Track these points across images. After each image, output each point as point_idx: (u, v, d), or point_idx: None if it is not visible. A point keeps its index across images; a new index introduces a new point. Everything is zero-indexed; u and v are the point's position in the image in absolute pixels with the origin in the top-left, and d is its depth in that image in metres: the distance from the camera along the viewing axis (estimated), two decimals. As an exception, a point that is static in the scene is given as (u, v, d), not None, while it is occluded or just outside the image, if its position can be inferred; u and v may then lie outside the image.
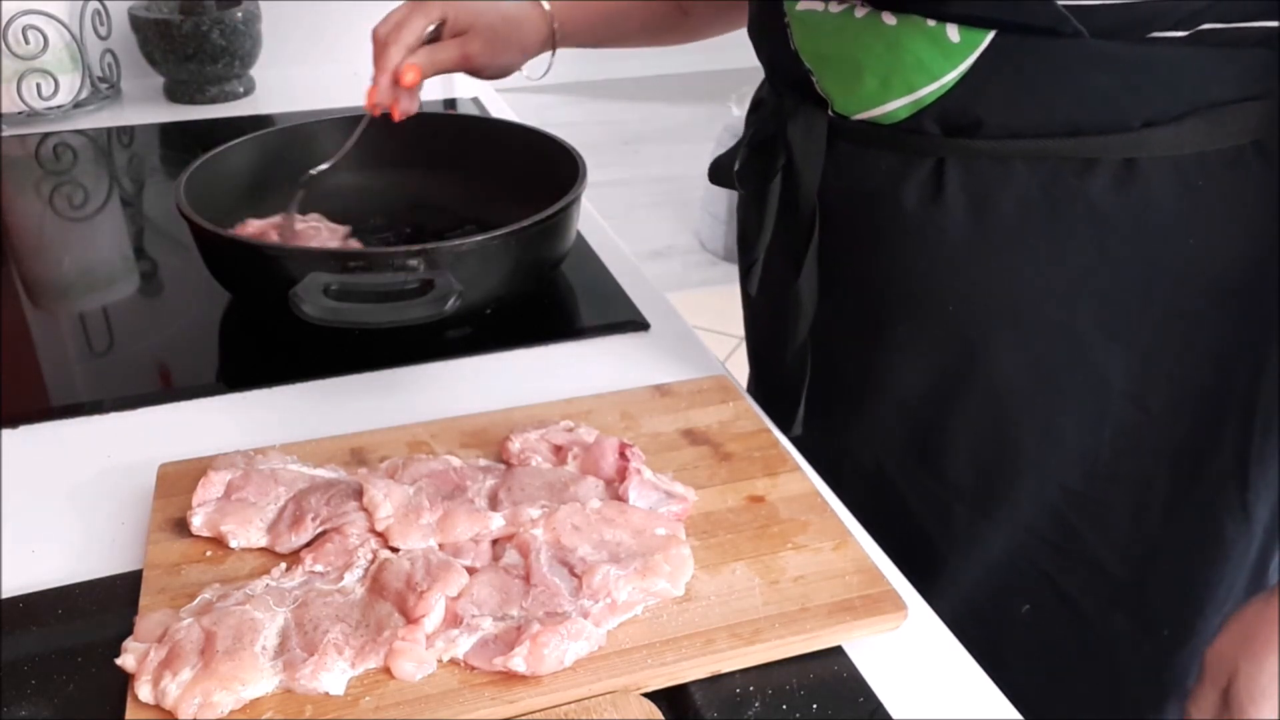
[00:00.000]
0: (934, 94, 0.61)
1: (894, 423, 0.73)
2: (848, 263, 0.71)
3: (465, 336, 0.79)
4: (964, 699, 0.51)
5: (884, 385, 0.72)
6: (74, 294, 0.90)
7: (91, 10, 1.28)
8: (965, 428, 0.70)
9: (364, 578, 0.53)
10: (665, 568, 0.53)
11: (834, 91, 0.67)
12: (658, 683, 0.49)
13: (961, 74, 0.60)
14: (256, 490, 0.58)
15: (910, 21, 0.60)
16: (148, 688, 0.46)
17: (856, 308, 0.72)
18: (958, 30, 0.59)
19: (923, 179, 0.64)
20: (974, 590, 0.74)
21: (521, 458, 0.62)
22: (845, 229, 0.69)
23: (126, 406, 0.71)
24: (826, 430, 0.77)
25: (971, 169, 0.63)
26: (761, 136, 0.75)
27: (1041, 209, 0.62)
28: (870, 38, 0.62)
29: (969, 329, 0.67)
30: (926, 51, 0.60)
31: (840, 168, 0.68)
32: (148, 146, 1.23)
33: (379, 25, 0.81)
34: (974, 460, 0.71)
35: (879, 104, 0.64)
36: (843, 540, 0.57)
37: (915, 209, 0.65)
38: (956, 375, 0.68)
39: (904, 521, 0.74)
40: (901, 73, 0.62)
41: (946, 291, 0.66)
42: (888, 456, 0.74)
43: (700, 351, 0.79)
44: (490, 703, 0.47)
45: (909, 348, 0.70)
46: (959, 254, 0.65)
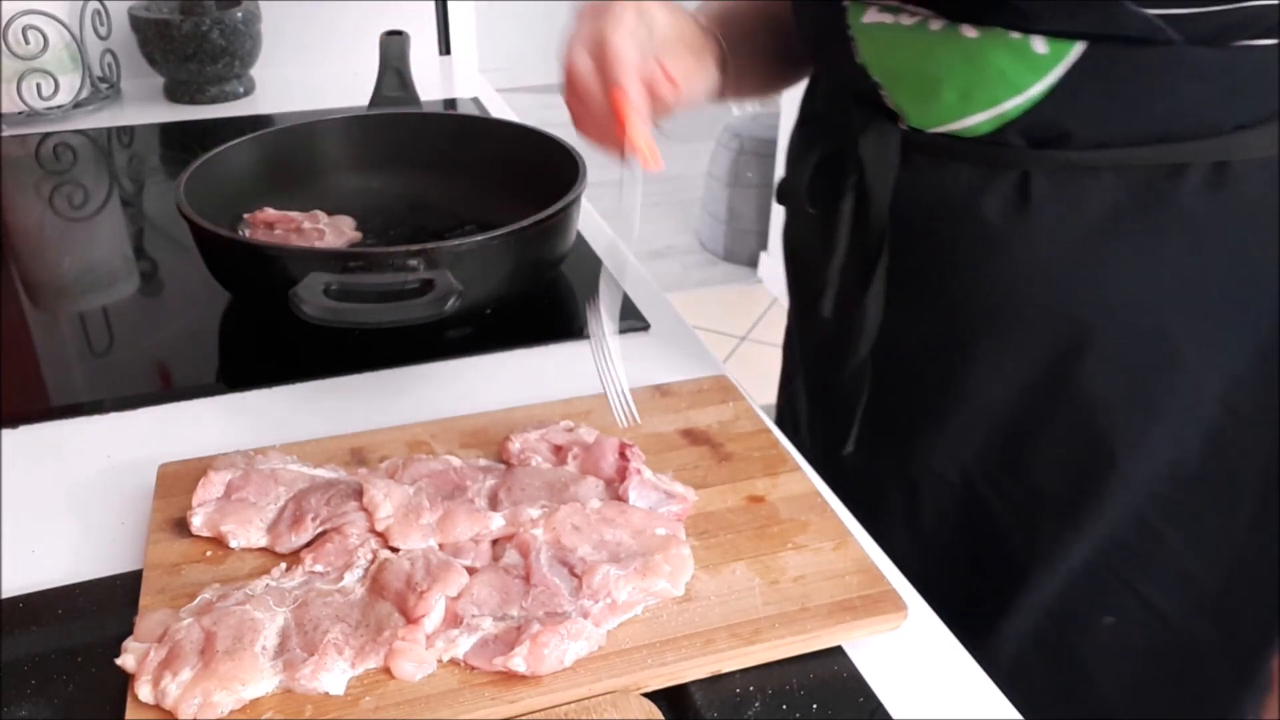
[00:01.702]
0: (1019, 107, 0.59)
1: (978, 435, 0.71)
2: (923, 278, 0.69)
3: (465, 336, 0.79)
4: (964, 699, 0.51)
5: (967, 399, 0.70)
6: (74, 294, 0.90)
7: (91, 10, 1.28)
8: (1054, 438, 0.68)
9: (364, 578, 0.53)
10: (665, 568, 0.53)
11: (907, 106, 0.64)
12: (658, 683, 0.49)
13: (1049, 87, 0.58)
14: (256, 490, 0.58)
15: (993, 34, 0.58)
16: (148, 688, 0.46)
17: (933, 323, 0.70)
18: (1045, 42, 0.57)
19: (1006, 191, 0.63)
20: (1055, 600, 0.72)
21: (521, 458, 0.62)
22: (920, 244, 0.68)
23: (126, 406, 0.71)
24: (894, 446, 0.75)
25: (1059, 180, 0.61)
26: (829, 153, 0.72)
27: (1132, 216, 0.60)
28: (948, 51, 0.60)
29: (1058, 340, 0.65)
30: (1011, 64, 0.58)
31: (914, 182, 0.66)
32: (148, 146, 1.23)
33: (575, 61, 0.62)
34: (1063, 471, 0.69)
35: (958, 118, 0.62)
36: (843, 540, 0.57)
37: (999, 222, 0.63)
38: (1045, 387, 0.67)
39: (986, 534, 0.73)
40: (984, 86, 0.60)
41: (1034, 304, 0.65)
42: (971, 469, 0.72)
43: (700, 351, 0.79)
44: (490, 703, 0.47)
45: (994, 361, 0.68)
46: (1048, 266, 0.63)
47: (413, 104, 1.01)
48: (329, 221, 0.89)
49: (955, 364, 0.70)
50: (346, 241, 0.88)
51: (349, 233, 0.89)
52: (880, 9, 0.64)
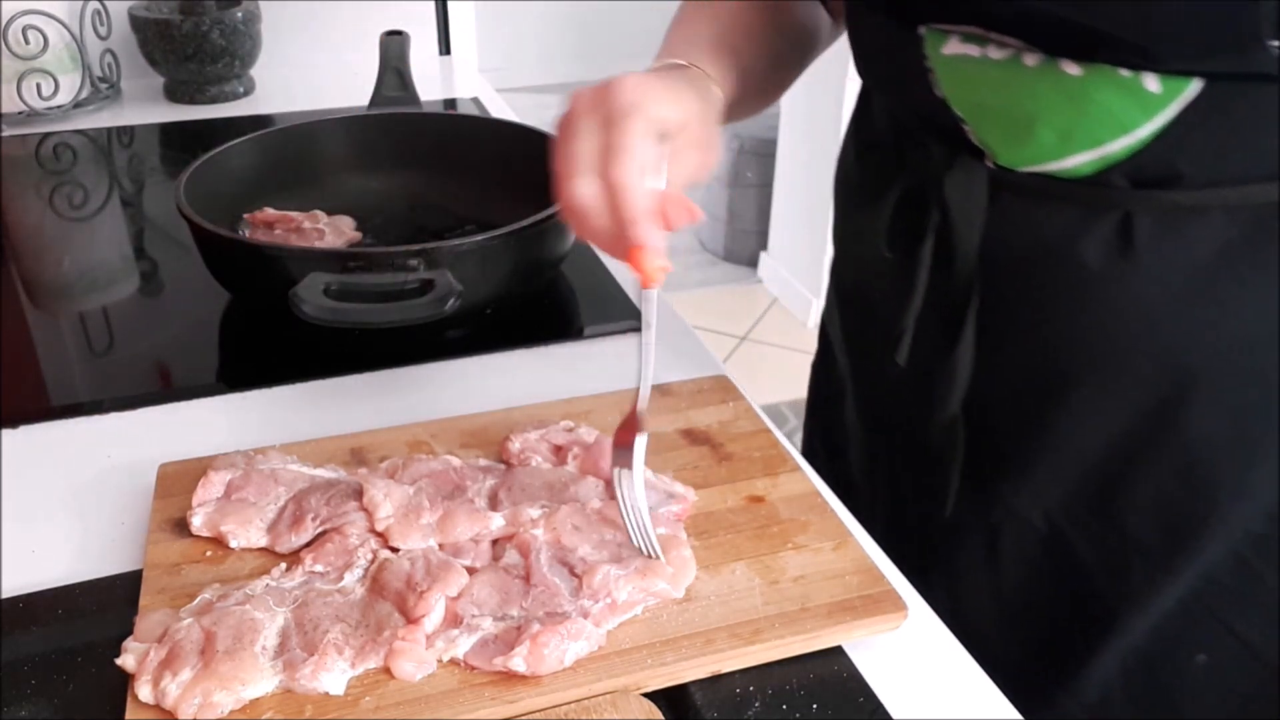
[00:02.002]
0: (1127, 149, 0.55)
1: (1069, 481, 0.67)
2: (1012, 325, 0.65)
3: (465, 336, 0.79)
4: (964, 699, 0.51)
5: (1058, 446, 0.66)
6: (74, 294, 0.90)
7: (91, 10, 1.28)
8: (1152, 482, 0.65)
9: (364, 578, 0.53)
10: (666, 569, 0.53)
11: (996, 144, 0.60)
12: (658, 683, 0.49)
13: (1161, 127, 0.54)
14: (256, 490, 0.58)
15: (1099, 71, 0.54)
16: (148, 688, 0.46)
17: (1023, 371, 0.66)
18: (1159, 80, 0.53)
19: (1107, 234, 0.59)
20: (1145, 640, 0.69)
21: (521, 458, 0.62)
22: (1010, 289, 0.64)
23: (126, 406, 0.71)
24: (976, 492, 0.71)
25: (1164, 221, 0.57)
26: (908, 193, 0.67)
27: (1244, 256, 0.57)
28: (1046, 88, 0.56)
29: (1162, 385, 0.61)
30: (1119, 104, 0.54)
31: (1004, 224, 0.62)
32: (148, 146, 1.23)
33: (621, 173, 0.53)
34: (1160, 515, 0.65)
35: (1056, 159, 0.58)
36: (843, 540, 0.57)
37: (1099, 265, 0.59)
38: (1145, 432, 0.63)
39: (1073, 579, 0.70)
40: (1087, 127, 0.55)
41: (1138, 350, 0.61)
42: (1059, 511, 0.69)
43: (700, 351, 0.79)
44: (490, 703, 0.47)
45: (1090, 408, 0.64)
46: (1152, 310, 0.59)
47: (413, 104, 1.01)
48: (329, 221, 0.89)
49: (1046, 412, 0.66)
50: (346, 241, 0.88)
51: (349, 233, 0.89)
52: (964, 39, 0.58)
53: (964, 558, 0.73)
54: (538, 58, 4.66)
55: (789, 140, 2.88)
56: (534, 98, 4.49)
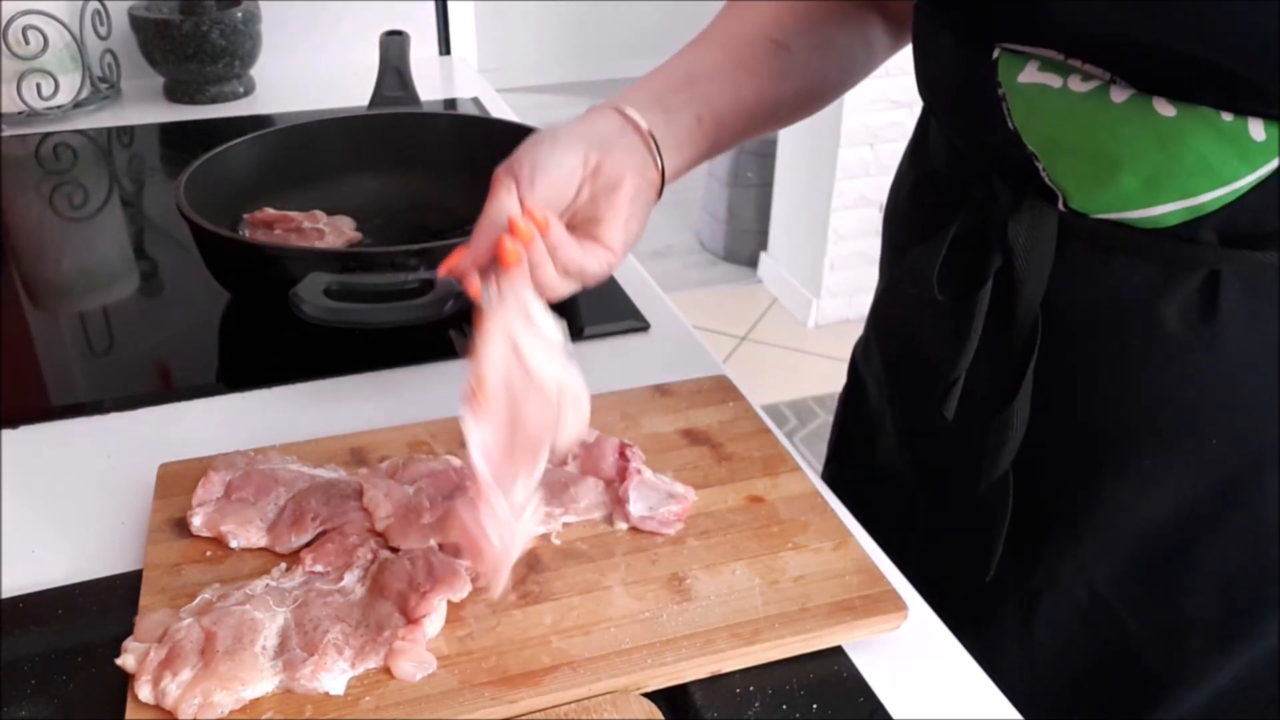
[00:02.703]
0: (1220, 200, 0.50)
1: (1120, 552, 0.63)
2: (1073, 384, 0.60)
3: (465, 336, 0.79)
4: (964, 699, 0.51)
5: (1113, 516, 0.62)
6: (74, 294, 0.90)
7: (91, 10, 1.28)
8: (1215, 560, 0.60)
9: (364, 578, 0.53)
10: None
11: (1072, 186, 0.55)
12: (658, 683, 0.49)
13: (1261, 178, 0.49)
14: (256, 490, 0.58)
15: (1196, 113, 0.48)
16: (148, 688, 0.46)
17: (1080, 434, 0.61)
18: (1265, 127, 0.48)
19: (1190, 294, 0.53)
20: (1196, 716, 0.65)
21: (521, 458, 0.62)
22: (1075, 348, 0.59)
23: (126, 406, 0.71)
24: (1017, 558, 0.67)
25: (1256, 284, 0.52)
26: (967, 233, 0.61)
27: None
28: (1134, 129, 0.50)
29: (1234, 459, 0.57)
30: (1217, 151, 0.49)
31: (1072, 275, 0.57)
32: (148, 146, 1.23)
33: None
34: (1221, 594, 0.61)
35: (1139, 207, 0.53)
36: (843, 540, 0.57)
37: (1178, 329, 0.54)
38: (1211, 509, 0.59)
39: (1120, 652, 0.65)
40: (1177, 175, 0.50)
41: (1212, 421, 0.56)
42: (1107, 585, 0.64)
43: (700, 351, 0.79)
44: (490, 703, 0.47)
45: (1154, 479, 0.59)
46: (1234, 381, 0.55)
47: (413, 104, 1.01)
48: (329, 221, 0.89)
49: (1103, 479, 0.61)
50: (346, 241, 0.88)
51: (349, 233, 0.89)
52: (1042, 66, 0.53)
53: (997, 623, 0.69)
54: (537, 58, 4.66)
55: (789, 140, 2.88)
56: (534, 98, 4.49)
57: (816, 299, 2.85)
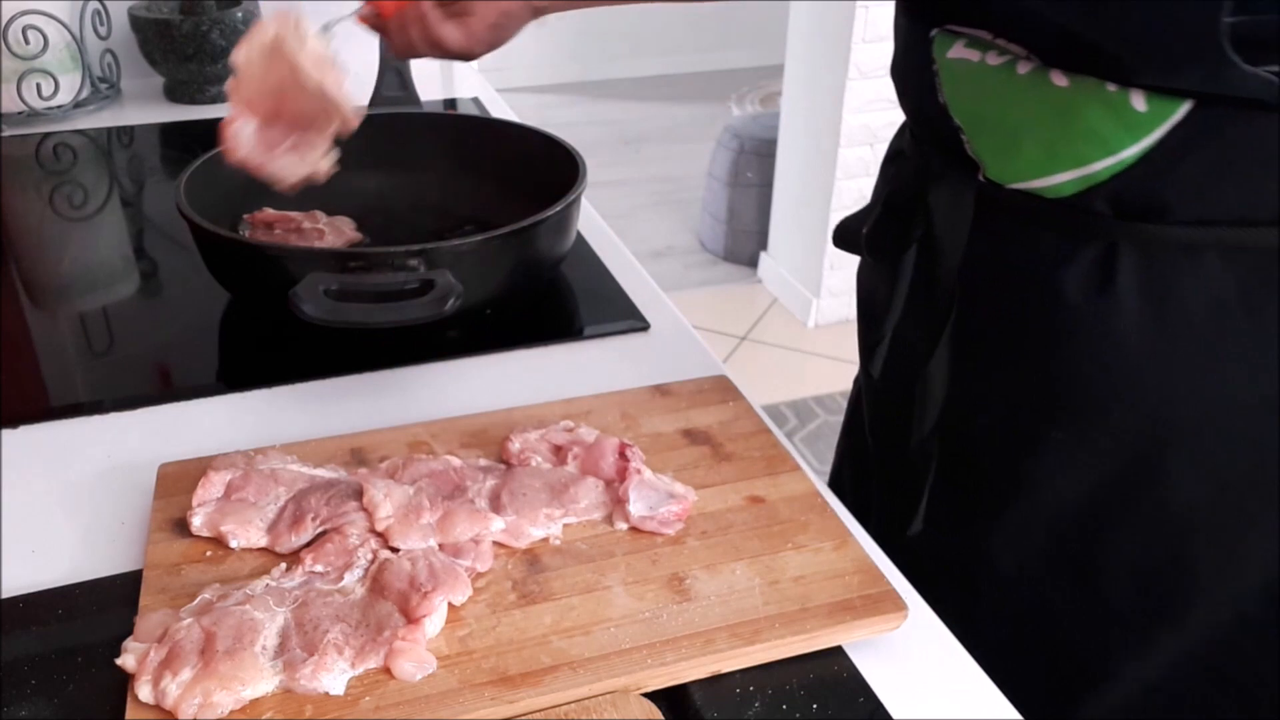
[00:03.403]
0: (1109, 170, 0.53)
1: (1043, 531, 0.64)
2: (991, 351, 0.62)
3: (465, 336, 0.79)
4: (964, 699, 0.51)
5: (1033, 492, 0.63)
6: (74, 294, 0.90)
7: (91, 10, 1.28)
8: (1129, 544, 0.61)
9: (364, 578, 0.53)
10: None
11: (987, 156, 0.58)
12: (658, 683, 0.49)
13: (1145, 149, 0.51)
14: (256, 490, 0.58)
15: (1086, 84, 0.52)
16: (148, 688, 0.46)
17: (1001, 402, 0.63)
18: (1145, 98, 0.50)
19: (1089, 265, 0.56)
20: (1124, 713, 0.66)
21: (521, 458, 0.62)
22: (990, 313, 0.61)
23: (126, 406, 0.71)
24: (959, 530, 0.68)
25: (1150, 258, 0.54)
26: (899, 199, 0.65)
27: (1239, 310, 0.53)
28: (1034, 99, 0.54)
29: (1140, 440, 0.58)
30: (1104, 121, 0.52)
31: (988, 242, 0.60)
32: (148, 146, 1.23)
33: None
34: (1137, 580, 0.62)
35: (1040, 176, 0.56)
36: (843, 540, 0.57)
37: (1079, 300, 0.56)
38: (1121, 488, 0.60)
39: (1049, 633, 0.67)
40: (1070, 143, 0.53)
41: (1114, 398, 0.58)
42: (1033, 565, 0.65)
43: (700, 351, 0.79)
44: (490, 703, 0.47)
45: (1064, 454, 0.61)
46: (1132, 357, 0.56)
47: (413, 104, 1.01)
48: (329, 221, 0.89)
49: (1021, 452, 0.63)
50: (346, 241, 0.88)
51: (349, 233, 0.89)
52: (969, 43, 0.57)
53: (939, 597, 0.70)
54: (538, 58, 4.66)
55: (789, 140, 2.88)
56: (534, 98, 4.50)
57: (816, 299, 2.85)
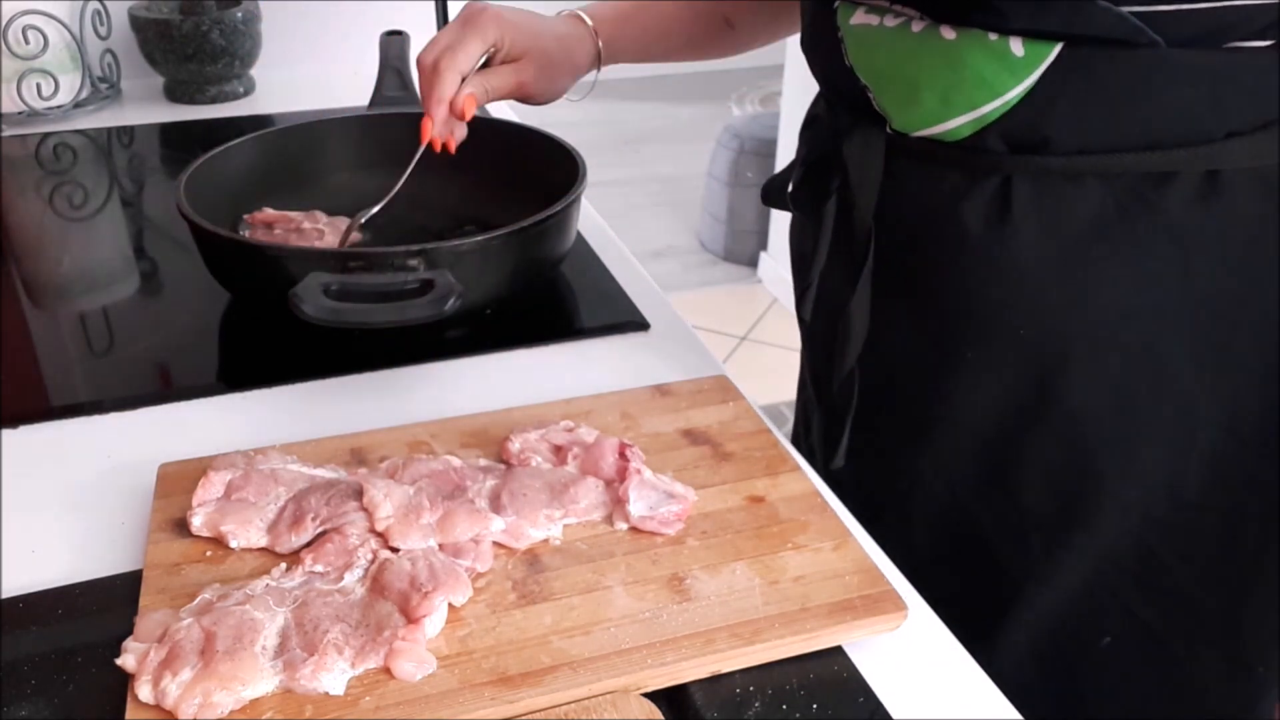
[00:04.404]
0: (997, 110, 0.58)
1: (966, 449, 0.70)
2: (908, 286, 0.68)
3: (465, 336, 0.79)
4: (964, 699, 0.51)
5: (953, 412, 0.69)
6: (74, 294, 0.90)
7: (91, 10, 1.28)
8: (1041, 454, 0.67)
9: (364, 578, 0.53)
10: None
11: (891, 109, 0.64)
12: (658, 683, 0.49)
13: (1027, 89, 0.57)
14: (256, 490, 0.58)
15: (970, 36, 0.58)
16: (148, 688, 0.46)
17: (918, 333, 0.69)
18: (1021, 44, 0.56)
19: (987, 198, 0.62)
20: (1052, 620, 0.71)
21: (521, 458, 0.62)
22: (904, 251, 0.67)
23: (126, 406, 0.71)
24: (887, 458, 0.74)
25: (1040, 187, 0.60)
26: (816, 156, 0.72)
27: (1118, 227, 0.59)
28: (928, 53, 0.60)
29: (1042, 354, 0.64)
30: (989, 67, 0.57)
31: (898, 187, 0.66)
32: (148, 146, 1.23)
33: (427, 51, 0.76)
34: (1051, 487, 0.67)
35: (939, 122, 0.61)
36: (843, 540, 0.57)
37: (980, 230, 0.62)
38: (1030, 401, 0.65)
39: (978, 549, 0.72)
40: (962, 89, 0.59)
41: (1017, 316, 0.63)
42: (960, 483, 0.71)
43: (700, 351, 0.79)
44: (490, 703, 0.47)
45: (978, 373, 0.67)
46: (1029, 276, 0.62)
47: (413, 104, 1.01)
48: (329, 221, 0.89)
49: (940, 376, 0.69)
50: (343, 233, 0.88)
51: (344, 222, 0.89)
52: (867, 10, 0.63)
53: (881, 522, 0.73)
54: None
55: (789, 140, 2.88)
56: (534, 98, 4.49)
57: (816, 299, 2.85)
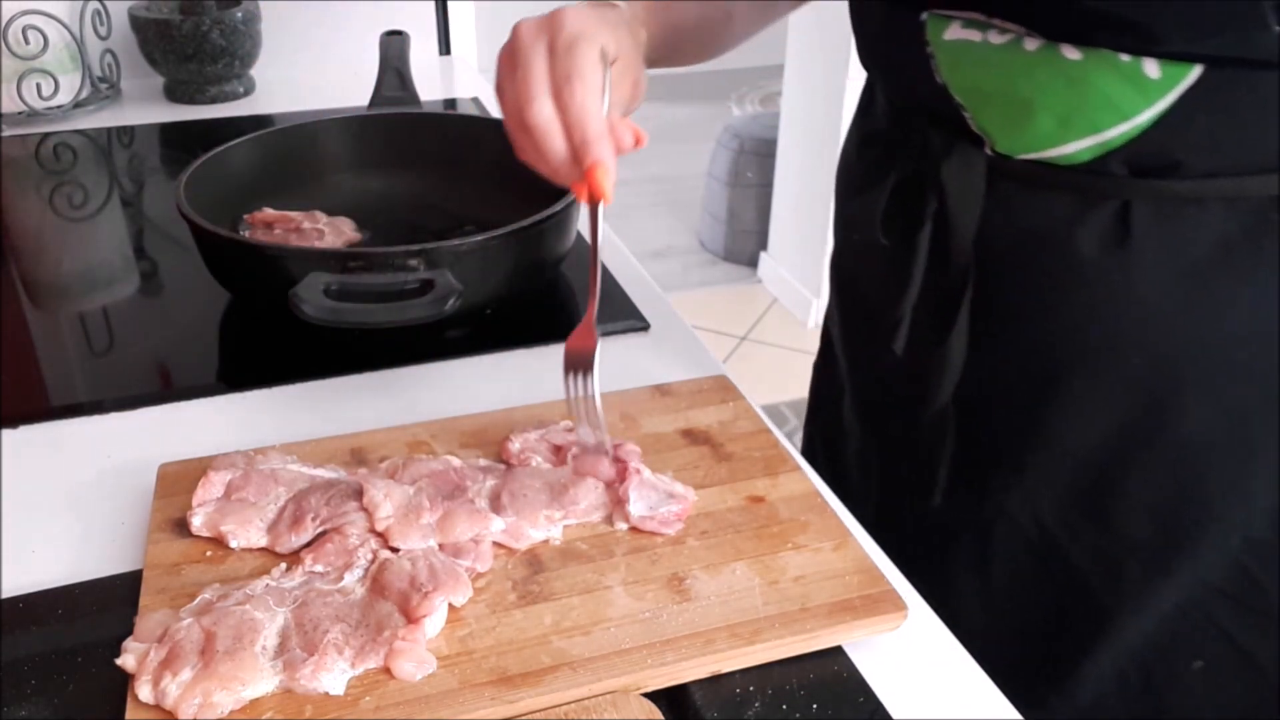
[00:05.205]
0: (1125, 135, 0.55)
1: (1060, 480, 0.67)
2: (1007, 315, 0.65)
3: (465, 336, 0.79)
4: (964, 699, 0.51)
5: (1051, 443, 0.66)
6: (74, 294, 0.90)
7: (91, 10, 1.28)
8: (1145, 481, 0.64)
9: (364, 578, 0.53)
10: None
11: (995, 130, 0.60)
12: (658, 683, 0.49)
13: (1160, 113, 0.54)
14: (256, 490, 0.58)
15: (1098, 56, 0.54)
16: (148, 688, 0.46)
17: (1017, 363, 0.66)
18: (1159, 65, 0.53)
19: (1104, 223, 0.59)
20: (1142, 645, 0.69)
21: (521, 458, 0.62)
22: (1006, 279, 0.64)
23: (126, 406, 0.71)
24: (967, 491, 0.71)
25: (1163, 211, 0.57)
26: (901, 180, 0.68)
27: (1242, 250, 0.57)
28: (1046, 73, 0.56)
29: (1155, 381, 0.61)
30: (1118, 89, 0.54)
31: (1001, 212, 0.62)
32: (148, 146, 1.23)
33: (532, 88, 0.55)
34: (1153, 514, 0.65)
35: (1054, 145, 0.58)
36: (843, 540, 0.57)
37: (1096, 256, 0.59)
38: (1138, 429, 0.63)
39: (1067, 579, 0.69)
40: (1085, 112, 0.56)
41: (1132, 343, 0.61)
42: (1050, 514, 0.69)
43: (700, 351, 0.79)
44: (490, 703, 0.47)
45: (1084, 403, 0.64)
46: (1148, 303, 0.59)
47: (413, 104, 1.01)
48: (329, 221, 0.89)
49: (1039, 406, 0.66)
50: (346, 241, 0.88)
51: (349, 233, 0.89)
52: (965, 24, 0.59)
53: (953, 557, 0.73)
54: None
55: (789, 140, 2.88)
56: (534, 98, 4.49)
57: (816, 299, 2.85)
